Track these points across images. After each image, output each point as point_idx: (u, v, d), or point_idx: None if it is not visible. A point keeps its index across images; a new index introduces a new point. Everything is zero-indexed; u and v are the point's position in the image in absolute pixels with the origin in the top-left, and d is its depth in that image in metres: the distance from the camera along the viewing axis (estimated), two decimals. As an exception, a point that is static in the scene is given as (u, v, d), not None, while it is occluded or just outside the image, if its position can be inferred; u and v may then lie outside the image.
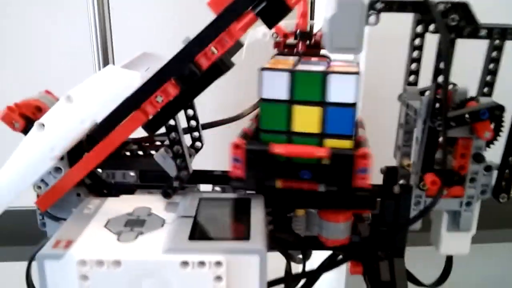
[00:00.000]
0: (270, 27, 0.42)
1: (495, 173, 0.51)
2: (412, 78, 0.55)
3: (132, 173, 0.53)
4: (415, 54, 0.53)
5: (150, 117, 0.44)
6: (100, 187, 0.52)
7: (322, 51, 0.69)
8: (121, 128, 0.44)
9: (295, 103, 0.46)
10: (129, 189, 0.53)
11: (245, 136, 0.48)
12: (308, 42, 0.67)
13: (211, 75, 0.44)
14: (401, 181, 0.56)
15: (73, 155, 0.48)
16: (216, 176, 0.54)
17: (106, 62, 0.87)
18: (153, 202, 0.47)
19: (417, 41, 0.52)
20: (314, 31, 0.70)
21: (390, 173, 0.56)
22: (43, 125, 0.44)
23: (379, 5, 0.46)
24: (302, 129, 0.47)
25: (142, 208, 0.46)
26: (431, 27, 0.48)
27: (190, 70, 0.43)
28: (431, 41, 0.49)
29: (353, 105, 0.45)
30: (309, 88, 0.46)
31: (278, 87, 0.46)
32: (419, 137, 0.50)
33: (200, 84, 0.44)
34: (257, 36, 0.68)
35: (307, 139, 0.47)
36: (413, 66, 0.54)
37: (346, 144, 0.46)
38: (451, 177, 0.50)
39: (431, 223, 0.56)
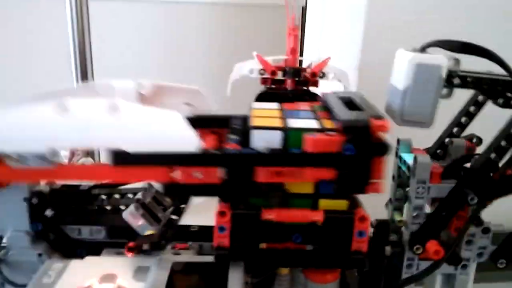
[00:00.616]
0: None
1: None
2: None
3: (100, 229, 0.49)
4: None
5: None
6: (64, 244, 0.48)
7: (311, 88, 0.65)
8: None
9: None
10: (97, 247, 0.49)
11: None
12: (297, 79, 0.64)
13: None
14: (392, 237, 0.52)
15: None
16: (193, 233, 0.50)
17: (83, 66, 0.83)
18: (121, 267, 0.43)
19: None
20: (304, 65, 0.66)
21: (380, 227, 0.52)
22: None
23: (456, 80, 0.43)
24: (295, 190, 0.43)
25: (107, 276, 0.42)
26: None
27: None
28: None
29: None
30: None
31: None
32: (412, 197, 0.46)
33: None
34: (243, 72, 0.64)
35: (300, 201, 0.43)
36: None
37: (342, 204, 0.43)
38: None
39: (423, 285, 0.53)
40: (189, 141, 0.39)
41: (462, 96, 0.50)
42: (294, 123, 0.43)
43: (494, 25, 0.79)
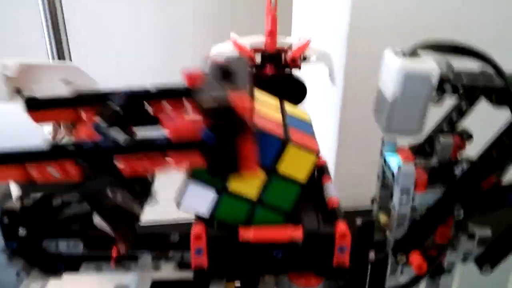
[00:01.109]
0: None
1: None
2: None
3: (77, 243, 0.48)
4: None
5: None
6: (42, 260, 0.47)
7: (294, 71, 0.62)
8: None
9: None
10: (76, 260, 0.47)
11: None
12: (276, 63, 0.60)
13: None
14: (376, 237, 0.51)
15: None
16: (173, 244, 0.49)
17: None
18: (100, 285, 0.42)
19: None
20: (285, 46, 0.62)
21: (365, 228, 0.51)
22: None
23: (448, 88, 0.40)
24: (237, 189, 0.41)
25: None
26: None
27: None
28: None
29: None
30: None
31: None
32: (396, 205, 0.44)
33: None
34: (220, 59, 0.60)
35: (239, 203, 0.41)
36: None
37: (280, 219, 0.42)
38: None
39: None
40: (35, 134, 0.37)
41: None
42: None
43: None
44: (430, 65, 0.39)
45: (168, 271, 0.46)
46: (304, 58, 0.60)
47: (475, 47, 0.40)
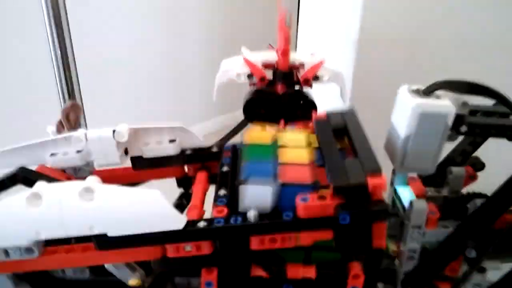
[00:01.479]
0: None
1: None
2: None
3: (83, 268, 0.47)
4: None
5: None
6: (48, 285, 0.47)
7: (305, 89, 0.60)
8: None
9: None
10: (82, 286, 0.47)
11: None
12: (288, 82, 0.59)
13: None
14: (384, 263, 0.50)
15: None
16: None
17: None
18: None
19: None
20: (296, 63, 0.61)
21: (373, 256, 0.51)
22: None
23: (463, 128, 0.39)
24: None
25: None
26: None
27: None
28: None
29: None
30: None
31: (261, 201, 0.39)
32: (406, 239, 0.44)
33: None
34: (230, 76, 0.59)
35: (292, 253, 0.40)
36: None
37: (336, 255, 0.41)
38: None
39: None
40: (173, 219, 0.37)
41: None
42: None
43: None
44: (446, 104, 0.38)
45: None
46: (316, 78, 0.58)
47: (491, 87, 0.39)
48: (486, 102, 0.42)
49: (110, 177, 0.50)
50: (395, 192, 0.47)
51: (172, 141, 0.50)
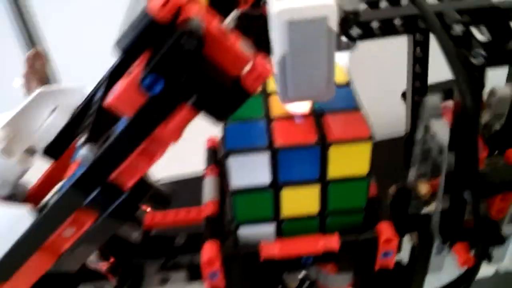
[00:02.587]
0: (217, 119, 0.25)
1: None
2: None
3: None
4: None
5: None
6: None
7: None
8: (22, 274, 0.30)
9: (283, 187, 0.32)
10: (71, 281, 0.40)
11: (213, 230, 0.34)
12: None
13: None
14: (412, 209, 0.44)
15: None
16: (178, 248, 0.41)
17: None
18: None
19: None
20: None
21: (400, 196, 0.44)
22: None
23: (355, 31, 0.28)
24: (295, 213, 0.33)
25: None
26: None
27: (106, 193, 0.27)
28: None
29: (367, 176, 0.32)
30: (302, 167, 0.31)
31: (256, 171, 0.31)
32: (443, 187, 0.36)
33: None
34: None
35: (303, 223, 0.33)
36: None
37: (357, 219, 0.34)
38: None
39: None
40: None
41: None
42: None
43: None
44: (322, 3, 0.25)
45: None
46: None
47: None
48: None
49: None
50: (425, 129, 0.39)
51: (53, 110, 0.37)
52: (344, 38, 0.28)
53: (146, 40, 0.22)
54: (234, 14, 0.49)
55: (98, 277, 0.40)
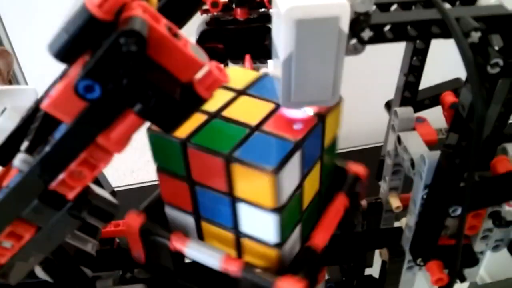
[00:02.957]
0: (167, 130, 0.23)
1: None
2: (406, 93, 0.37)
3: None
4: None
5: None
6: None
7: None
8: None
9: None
10: None
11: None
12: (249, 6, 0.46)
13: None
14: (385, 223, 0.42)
15: None
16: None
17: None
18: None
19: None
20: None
21: (373, 209, 0.42)
22: None
23: (366, 34, 0.26)
24: (309, 199, 0.31)
25: None
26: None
27: (46, 202, 0.25)
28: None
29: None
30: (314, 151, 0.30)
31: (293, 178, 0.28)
32: (416, 201, 0.35)
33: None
34: None
35: (312, 206, 0.32)
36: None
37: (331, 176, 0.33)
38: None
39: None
40: None
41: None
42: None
43: None
44: (334, 2, 0.24)
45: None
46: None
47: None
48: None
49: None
50: (398, 140, 0.37)
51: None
52: (352, 41, 0.26)
53: (82, 41, 0.20)
54: (205, 17, 0.48)
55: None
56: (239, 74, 0.34)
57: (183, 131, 0.27)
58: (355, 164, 0.35)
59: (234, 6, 0.45)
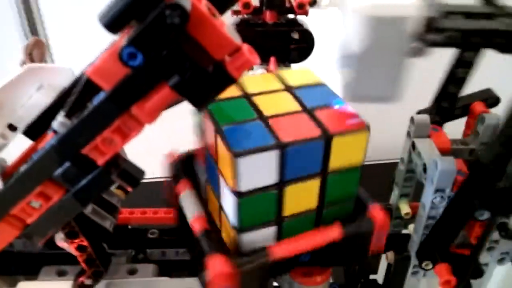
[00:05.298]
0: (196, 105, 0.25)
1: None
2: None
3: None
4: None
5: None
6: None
7: (299, 18, 0.50)
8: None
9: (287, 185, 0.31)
10: (34, 262, 0.40)
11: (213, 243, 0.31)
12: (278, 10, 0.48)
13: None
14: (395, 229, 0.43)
15: None
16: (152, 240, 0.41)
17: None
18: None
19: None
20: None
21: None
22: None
23: (432, 37, 0.28)
24: (295, 210, 0.32)
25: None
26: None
27: (78, 165, 0.27)
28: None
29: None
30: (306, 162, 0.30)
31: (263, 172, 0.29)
32: (426, 205, 0.36)
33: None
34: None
35: (301, 219, 0.32)
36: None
37: (349, 207, 0.33)
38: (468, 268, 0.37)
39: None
40: None
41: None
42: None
43: None
44: (405, 3, 0.26)
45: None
46: (314, 2, 0.48)
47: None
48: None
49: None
50: (413, 146, 0.38)
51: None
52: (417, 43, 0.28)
53: (131, 12, 0.22)
54: (235, 19, 0.50)
55: (61, 260, 0.39)
56: (302, 74, 0.35)
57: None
58: (378, 208, 0.33)
59: (264, 8, 0.47)
